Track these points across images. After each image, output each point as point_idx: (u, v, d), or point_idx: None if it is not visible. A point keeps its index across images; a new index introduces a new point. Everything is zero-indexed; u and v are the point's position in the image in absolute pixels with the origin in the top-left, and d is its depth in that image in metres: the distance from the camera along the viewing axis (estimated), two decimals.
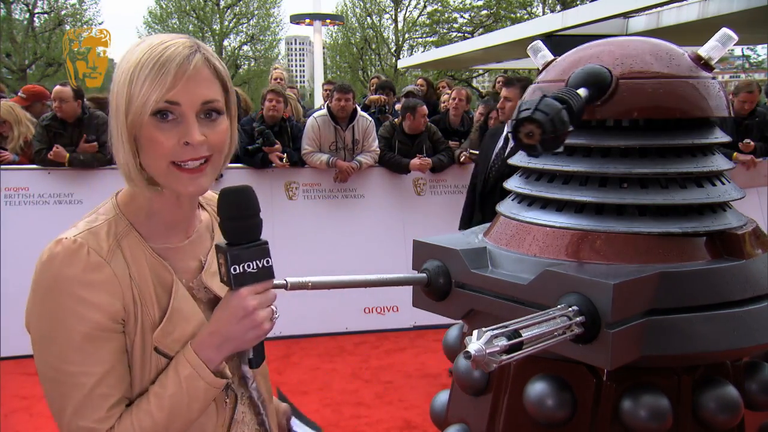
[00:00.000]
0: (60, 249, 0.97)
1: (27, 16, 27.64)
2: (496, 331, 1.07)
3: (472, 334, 1.07)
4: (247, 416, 1.16)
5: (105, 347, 0.98)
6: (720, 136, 1.49)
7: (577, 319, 1.20)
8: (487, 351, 1.04)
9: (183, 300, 1.06)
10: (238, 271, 0.98)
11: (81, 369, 0.97)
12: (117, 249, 1.01)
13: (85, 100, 5.16)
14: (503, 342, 1.06)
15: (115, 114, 0.98)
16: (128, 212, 1.06)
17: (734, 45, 1.48)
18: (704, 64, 1.45)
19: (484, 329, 1.06)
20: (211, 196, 1.21)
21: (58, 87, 4.85)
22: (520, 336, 1.09)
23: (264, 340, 1.05)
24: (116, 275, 0.99)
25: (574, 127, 1.26)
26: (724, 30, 1.43)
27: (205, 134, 0.98)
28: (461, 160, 5.41)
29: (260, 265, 0.99)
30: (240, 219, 0.99)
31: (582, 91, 1.36)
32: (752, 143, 5.37)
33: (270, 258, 0.99)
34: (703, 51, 1.45)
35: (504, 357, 1.06)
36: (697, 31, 10.27)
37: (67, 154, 4.75)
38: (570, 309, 1.21)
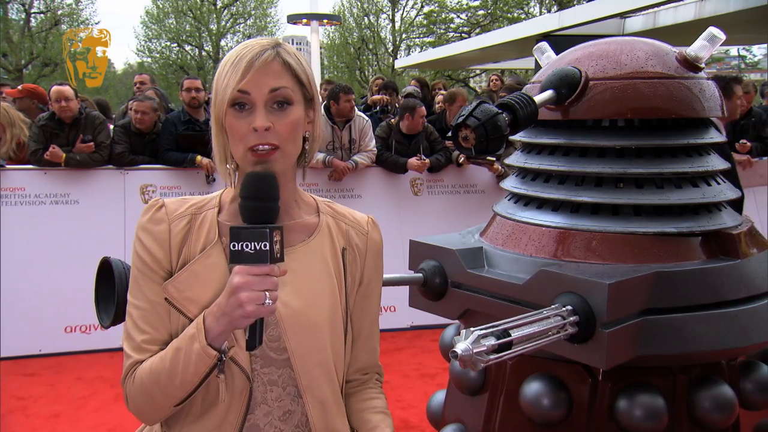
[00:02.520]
0: (148, 204, 1.17)
1: (23, 16, 27.54)
2: (484, 331, 1.07)
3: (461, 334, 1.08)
4: (273, 393, 1.14)
5: (149, 286, 1.12)
6: (715, 137, 1.50)
7: (571, 318, 1.20)
8: (474, 350, 1.04)
9: (209, 268, 1.11)
10: (236, 248, 1.00)
11: (132, 300, 1.13)
12: (188, 216, 1.15)
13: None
14: (491, 341, 1.06)
15: (211, 106, 1.11)
16: (225, 194, 1.19)
17: (730, 45, 1.49)
18: (690, 64, 1.45)
19: (472, 329, 1.07)
20: (349, 214, 1.25)
21: (58, 87, 4.79)
22: (509, 335, 1.09)
23: (260, 324, 1.03)
24: (170, 232, 1.13)
25: (516, 130, 1.33)
26: (711, 29, 1.43)
27: (272, 122, 1.06)
28: (460, 161, 5.41)
29: (257, 248, 0.99)
30: (253, 200, 1.02)
31: (546, 94, 1.40)
32: (748, 143, 5.38)
33: (268, 243, 0.99)
34: (690, 51, 1.44)
35: (492, 356, 1.06)
36: (694, 31, 10.24)
37: (64, 154, 4.72)
38: (564, 309, 1.21)
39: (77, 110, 4.83)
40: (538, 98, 1.39)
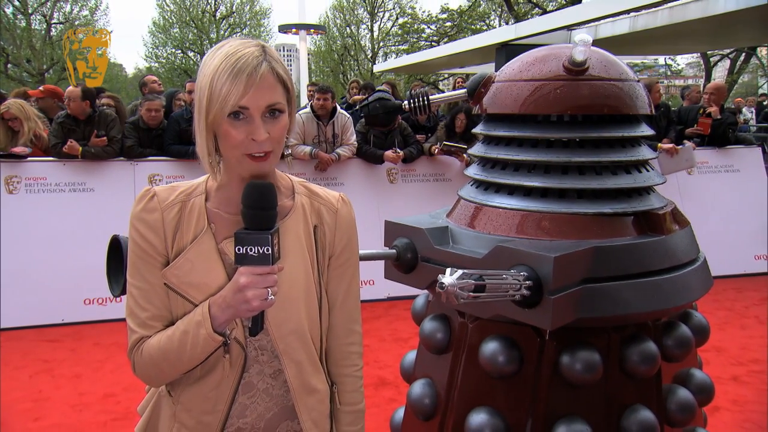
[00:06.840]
0: (140, 193, 1.12)
1: (45, 25, 26.71)
2: (466, 272, 1.09)
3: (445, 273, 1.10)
4: (261, 363, 1.14)
5: (147, 269, 1.08)
6: (645, 130, 1.51)
7: (527, 282, 1.21)
8: (458, 285, 1.05)
9: (203, 254, 1.08)
10: (241, 251, 0.99)
11: (132, 281, 1.09)
12: (179, 203, 1.11)
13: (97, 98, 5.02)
14: (471, 281, 1.08)
15: (197, 110, 1.04)
16: (210, 182, 1.15)
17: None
18: (570, 67, 1.41)
19: (455, 268, 1.08)
20: (323, 193, 1.21)
21: (71, 88, 4.76)
22: (484, 281, 1.11)
23: (261, 314, 1.03)
24: (163, 221, 1.09)
25: (403, 114, 1.57)
26: (581, 34, 1.39)
27: (268, 131, 1.02)
28: (434, 152, 5.41)
29: (261, 252, 0.99)
30: (254, 209, 1.00)
31: (462, 91, 1.58)
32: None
33: (270, 247, 0.99)
34: (575, 53, 1.38)
35: (471, 294, 1.08)
36: (628, 42, 10.35)
37: (80, 148, 4.64)
38: (521, 274, 1.22)
39: (83, 109, 4.75)
40: (450, 93, 1.62)
